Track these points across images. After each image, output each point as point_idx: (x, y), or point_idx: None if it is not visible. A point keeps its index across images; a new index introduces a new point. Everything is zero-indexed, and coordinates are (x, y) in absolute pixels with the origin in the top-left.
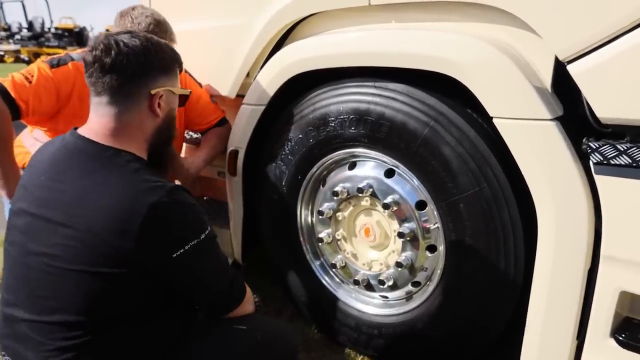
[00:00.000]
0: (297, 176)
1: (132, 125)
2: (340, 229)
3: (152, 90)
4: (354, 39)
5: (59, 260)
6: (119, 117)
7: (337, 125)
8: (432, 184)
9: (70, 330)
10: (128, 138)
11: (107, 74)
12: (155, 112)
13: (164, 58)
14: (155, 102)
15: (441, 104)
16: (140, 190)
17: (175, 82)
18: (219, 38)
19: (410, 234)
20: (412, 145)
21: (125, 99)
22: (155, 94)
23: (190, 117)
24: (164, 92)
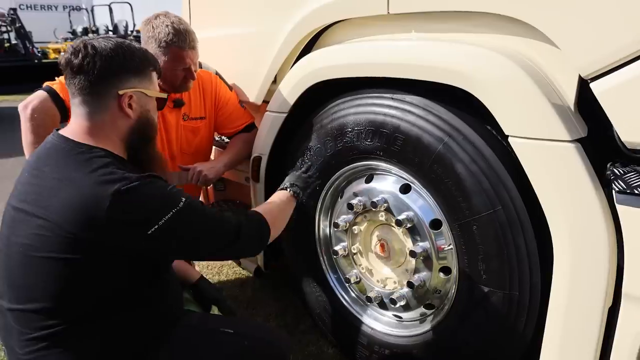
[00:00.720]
0: (315, 187)
1: (105, 124)
2: (356, 243)
3: (120, 91)
4: (368, 49)
5: (33, 248)
6: (92, 117)
7: (354, 137)
8: (446, 203)
9: (46, 319)
10: (103, 137)
11: (76, 76)
12: (126, 113)
13: (132, 60)
14: (124, 103)
15: (457, 119)
16: (104, 182)
17: (148, 84)
18: (248, 44)
19: (424, 254)
20: (426, 160)
21: (94, 99)
22: (124, 95)
23: (219, 120)
24: (135, 94)
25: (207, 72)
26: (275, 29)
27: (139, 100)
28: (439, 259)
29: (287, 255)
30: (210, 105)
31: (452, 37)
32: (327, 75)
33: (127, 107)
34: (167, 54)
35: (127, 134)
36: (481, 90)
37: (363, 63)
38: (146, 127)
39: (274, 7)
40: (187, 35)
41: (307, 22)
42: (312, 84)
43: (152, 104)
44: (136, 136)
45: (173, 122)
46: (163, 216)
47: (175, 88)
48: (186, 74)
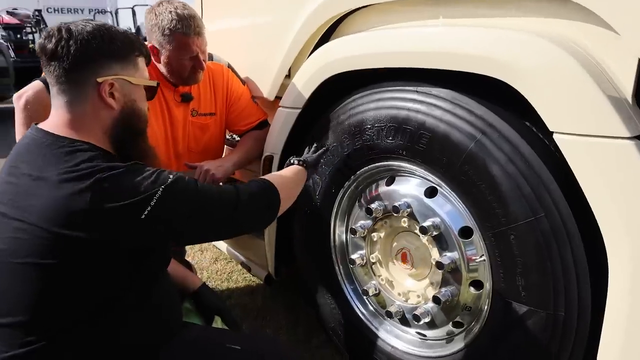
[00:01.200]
0: (331, 189)
1: (86, 116)
2: (375, 252)
3: (99, 78)
4: (392, 37)
5: (9, 253)
6: (71, 108)
7: (374, 134)
8: (478, 209)
9: (23, 335)
10: (85, 130)
11: (51, 62)
12: (108, 103)
13: (112, 44)
14: (104, 92)
15: (491, 114)
16: (86, 175)
17: (132, 71)
18: (260, 36)
19: (452, 265)
20: (455, 161)
21: (72, 88)
22: (103, 83)
23: (230, 117)
24: (116, 81)
25: (218, 65)
26: (289, 18)
27: (121, 88)
28: (469, 271)
29: (300, 262)
30: (222, 100)
31: (486, 22)
32: (346, 67)
33: (109, 97)
34: (171, 42)
35: (112, 126)
36: (522, 80)
37: (386, 52)
38: (132, 119)
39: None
40: (191, 20)
41: (323, 10)
42: (329, 77)
43: (139, 94)
44: (121, 129)
45: (180, 117)
46: (154, 195)
47: (184, 80)
48: (194, 63)
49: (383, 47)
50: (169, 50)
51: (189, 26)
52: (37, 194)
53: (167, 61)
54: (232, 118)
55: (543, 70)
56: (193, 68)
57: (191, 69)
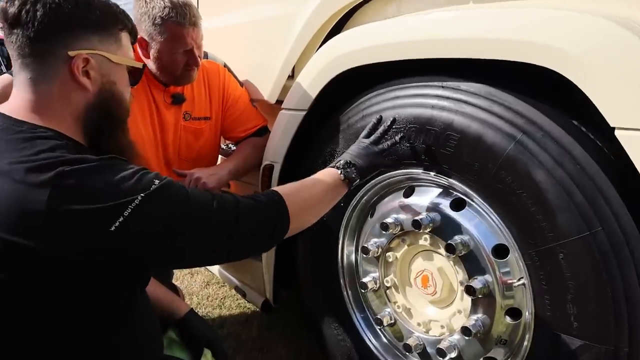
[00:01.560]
0: (339, 201)
1: (53, 97)
2: (390, 274)
3: (71, 51)
4: (414, 24)
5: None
6: (35, 87)
7: (391, 137)
8: (518, 223)
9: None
10: (51, 114)
11: (13, 30)
12: (81, 83)
13: (90, 11)
14: (76, 69)
15: (533, 110)
16: (46, 166)
17: (113, 47)
18: (260, 32)
19: (484, 290)
20: (490, 166)
21: (37, 62)
22: (76, 58)
23: (226, 122)
24: (93, 57)
25: (214, 64)
26: (292, 12)
27: (99, 67)
28: (504, 297)
29: (303, 286)
30: (218, 103)
31: (524, 4)
32: (359, 60)
33: (83, 75)
34: (163, 33)
35: (85, 112)
36: (575, 68)
37: (407, 42)
38: (110, 105)
39: None
40: (186, 9)
41: (331, 1)
42: (339, 73)
43: (121, 76)
44: (97, 116)
45: (171, 121)
46: (130, 203)
47: (175, 78)
48: (188, 58)
49: (404, 35)
50: (159, 42)
51: (183, 15)
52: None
53: (157, 55)
54: (229, 123)
55: (602, 55)
56: (187, 64)
57: (184, 66)
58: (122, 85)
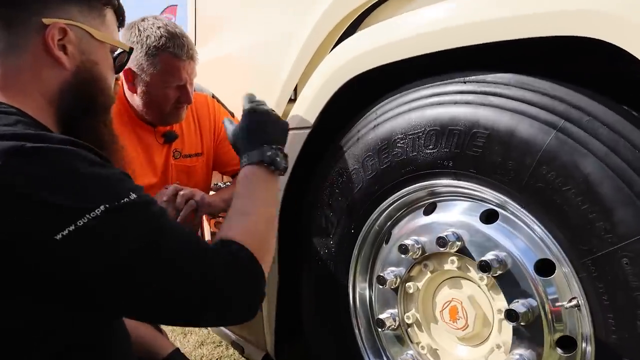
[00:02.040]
0: (349, 227)
1: (22, 71)
2: (411, 309)
3: (46, 19)
4: (428, 14)
5: None
6: (2, 59)
7: (408, 146)
8: (565, 228)
9: None
10: (17, 90)
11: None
12: (56, 57)
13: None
14: (52, 40)
15: (575, 94)
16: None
17: (96, 22)
18: (258, 57)
19: (528, 317)
20: (527, 162)
21: (6, 29)
22: (52, 27)
23: (219, 157)
24: (72, 29)
25: (201, 95)
26: (291, 30)
27: (78, 42)
28: (554, 323)
29: (308, 332)
30: (209, 136)
31: None
32: (370, 63)
33: (59, 49)
34: (156, 65)
35: (59, 93)
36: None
37: (411, 37)
38: (90, 88)
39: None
40: (184, 40)
41: (332, 13)
42: (345, 84)
43: (104, 57)
44: (73, 99)
45: (161, 161)
46: (87, 212)
47: (163, 117)
48: (180, 94)
49: (407, 31)
50: (151, 74)
51: (181, 46)
52: None
53: (145, 89)
54: (222, 157)
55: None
56: (178, 101)
57: (175, 103)
58: (106, 67)
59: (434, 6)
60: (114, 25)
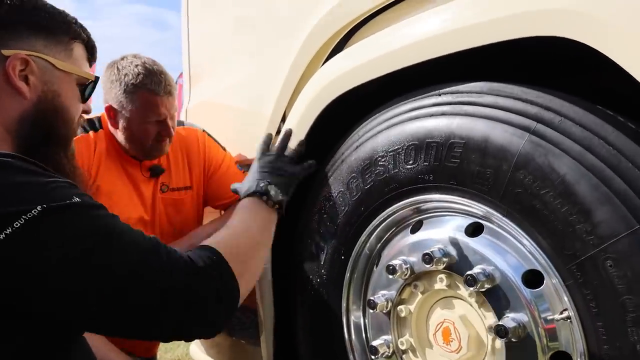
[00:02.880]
0: (339, 252)
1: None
2: (405, 333)
3: (6, 50)
4: (405, 26)
5: None
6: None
7: (389, 163)
8: (547, 233)
9: None
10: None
11: None
12: (18, 87)
13: (36, 13)
14: (13, 70)
15: (547, 96)
16: None
17: (61, 55)
18: (246, 91)
19: (519, 332)
20: (504, 168)
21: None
22: (12, 57)
23: (210, 190)
24: (34, 60)
25: (191, 130)
26: (278, 58)
27: (41, 73)
28: (547, 338)
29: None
30: (199, 171)
31: None
32: (340, 89)
33: (20, 80)
34: (135, 101)
35: (18, 122)
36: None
37: (384, 55)
38: (50, 119)
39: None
40: (162, 76)
41: (312, 40)
42: (325, 107)
43: (68, 88)
44: (32, 130)
45: (149, 195)
46: (23, 213)
47: (145, 151)
48: (160, 129)
49: (383, 49)
50: (130, 110)
51: (158, 82)
52: None
53: (126, 125)
54: (214, 190)
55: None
56: (158, 135)
57: (156, 137)
58: (69, 99)
59: (397, 25)
60: (83, 59)
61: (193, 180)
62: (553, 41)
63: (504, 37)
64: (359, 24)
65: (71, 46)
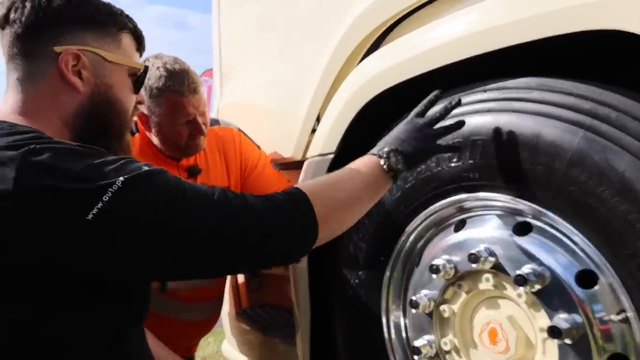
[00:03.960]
0: (379, 253)
1: (40, 97)
2: (448, 334)
3: (58, 47)
4: (454, 20)
5: None
6: (22, 87)
7: (432, 161)
8: (605, 234)
9: None
10: (37, 115)
11: (4, 30)
12: (71, 82)
13: (83, 7)
14: (65, 66)
15: (601, 91)
16: (15, 146)
17: (111, 46)
18: (280, 90)
19: (573, 334)
20: (557, 166)
21: (25, 60)
22: (64, 53)
23: (247, 189)
24: (85, 54)
25: (227, 129)
26: (310, 63)
27: (93, 66)
28: (603, 340)
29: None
30: (235, 169)
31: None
32: (383, 84)
33: (73, 75)
34: (161, 105)
35: (74, 116)
36: None
37: (431, 49)
38: (105, 111)
39: (309, 31)
40: (185, 76)
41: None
42: (367, 103)
43: (119, 79)
44: (88, 122)
45: None
46: (109, 186)
47: (181, 150)
48: (191, 129)
49: (427, 45)
50: (159, 114)
51: (181, 82)
52: None
53: (158, 129)
54: (249, 190)
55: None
56: (191, 134)
57: (189, 136)
58: (121, 90)
59: (435, 23)
60: (132, 49)
61: (231, 180)
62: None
63: (552, 32)
64: (395, 22)
65: (119, 37)
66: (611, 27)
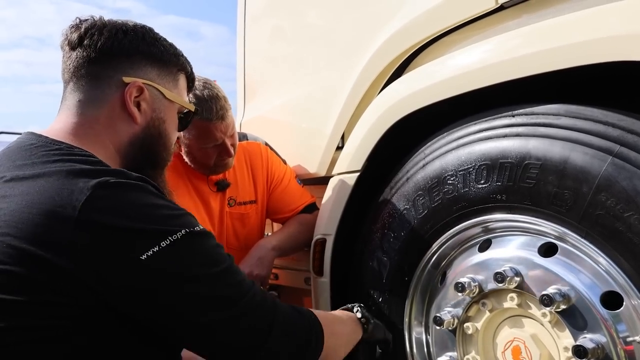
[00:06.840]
0: (403, 269)
1: (99, 122)
2: (471, 351)
3: (127, 77)
4: (493, 44)
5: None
6: (82, 109)
7: (459, 182)
8: (631, 257)
9: None
10: (93, 139)
11: (73, 52)
12: (131, 112)
13: (155, 45)
14: (129, 97)
15: (629, 119)
16: (85, 173)
17: (170, 85)
18: (306, 106)
19: (597, 354)
20: (584, 190)
21: (90, 83)
22: (132, 84)
23: (272, 203)
24: (148, 88)
25: (255, 144)
26: (336, 83)
27: (152, 100)
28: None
29: None
30: (262, 184)
31: None
32: (410, 107)
33: (134, 106)
34: (189, 130)
35: (127, 145)
36: None
37: (459, 75)
38: (156, 143)
39: (335, 52)
40: (212, 103)
41: (376, 61)
42: (394, 124)
43: (171, 116)
44: (139, 151)
45: (217, 209)
46: (171, 234)
47: (210, 170)
48: (220, 151)
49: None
50: (187, 138)
51: (209, 110)
52: (8, 194)
53: (188, 150)
54: (274, 203)
55: None
56: (219, 156)
57: (217, 157)
58: (171, 125)
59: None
60: (184, 89)
61: (257, 194)
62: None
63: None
64: (419, 49)
65: (178, 77)
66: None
